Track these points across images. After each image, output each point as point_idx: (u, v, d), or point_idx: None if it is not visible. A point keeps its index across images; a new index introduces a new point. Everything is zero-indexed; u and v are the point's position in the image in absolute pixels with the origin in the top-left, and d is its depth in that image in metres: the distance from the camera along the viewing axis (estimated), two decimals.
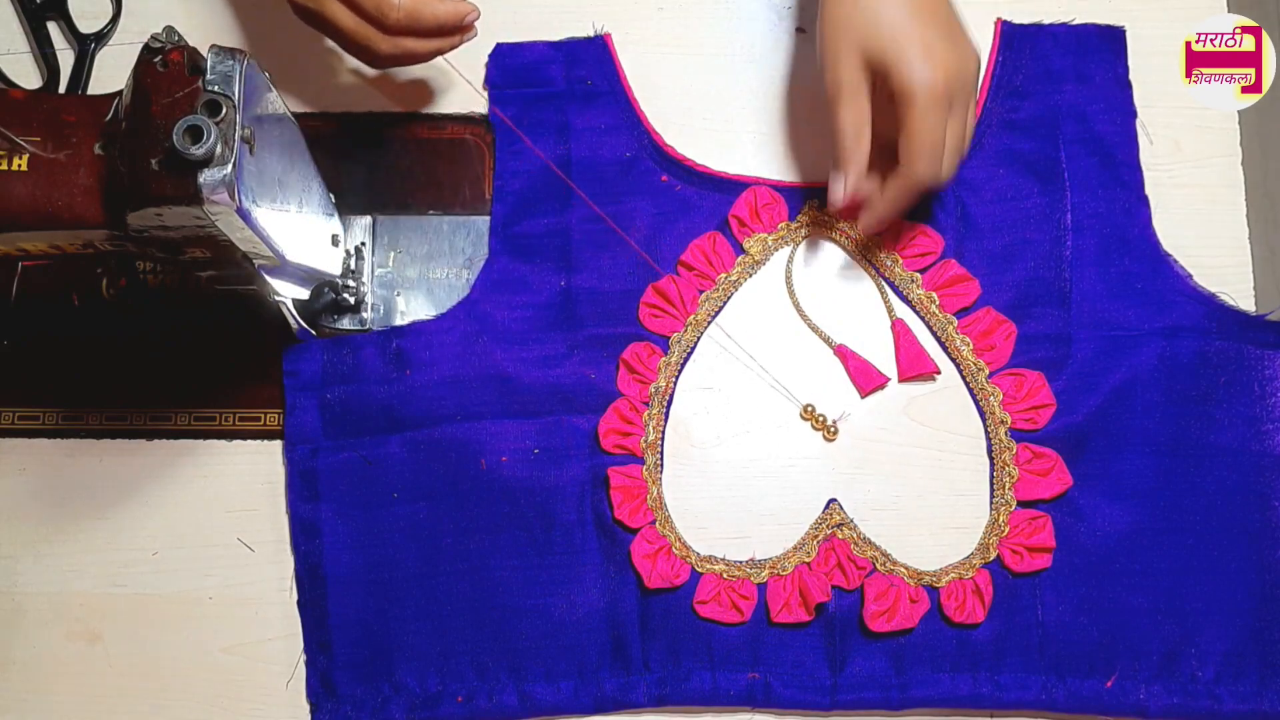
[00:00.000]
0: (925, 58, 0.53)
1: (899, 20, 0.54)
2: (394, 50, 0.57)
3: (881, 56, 0.54)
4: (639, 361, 0.61)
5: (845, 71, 0.55)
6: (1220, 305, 0.62)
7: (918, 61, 0.53)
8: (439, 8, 0.56)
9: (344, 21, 0.56)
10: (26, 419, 0.63)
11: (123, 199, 0.46)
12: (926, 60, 0.53)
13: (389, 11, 0.55)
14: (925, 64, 0.53)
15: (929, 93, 0.53)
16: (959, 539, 0.60)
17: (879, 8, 0.54)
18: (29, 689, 0.60)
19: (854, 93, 0.55)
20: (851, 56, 0.55)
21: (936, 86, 0.53)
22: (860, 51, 0.55)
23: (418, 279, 0.64)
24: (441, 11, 0.56)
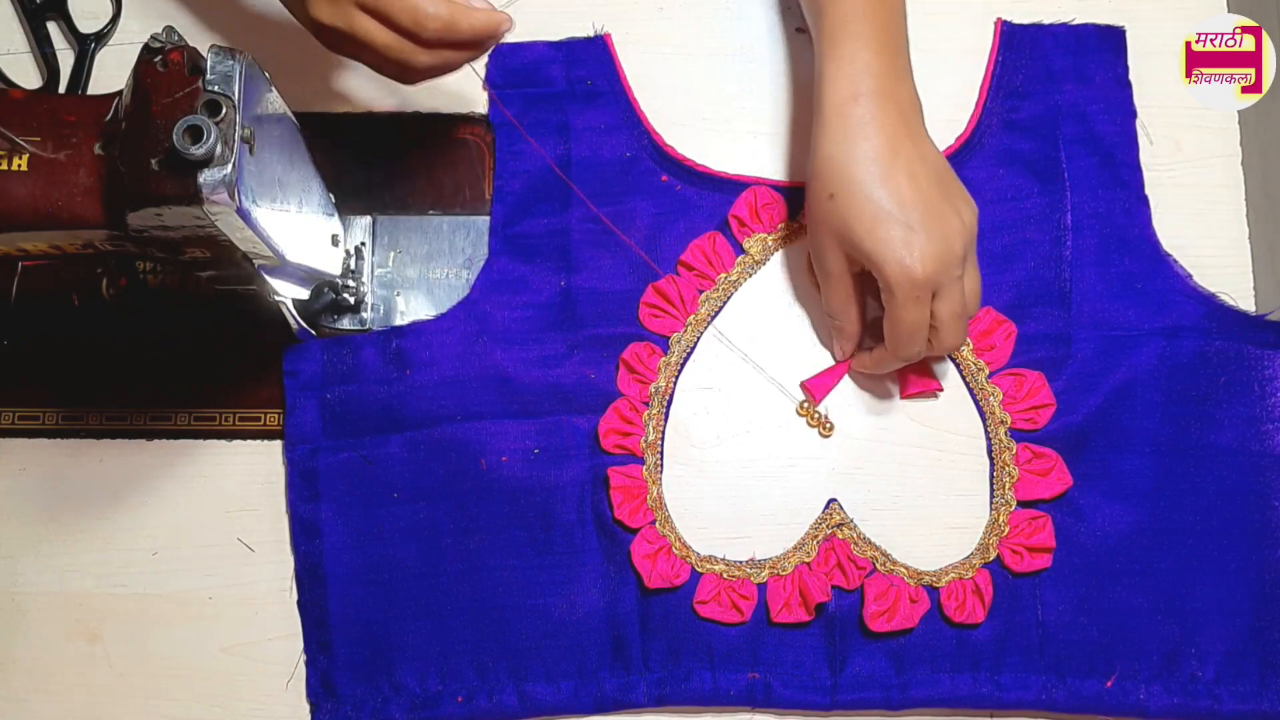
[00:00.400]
0: (904, 253, 0.53)
1: (875, 214, 0.54)
2: (431, 63, 0.54)
3: (858, 254, 0.55)
4: (639, 361, 0.61)
5: (828, 261, 0.57)
6: (1220, 305, 0.62)
7: (893, 260, 0.53)
8: (475, 17, 0.53)
9: (379, 39, 0.52)
10: (26, 419, 0.63)
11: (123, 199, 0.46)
12: (905, 255, 0.53)
13: (426, 23, 0.51)
14: (901, 261, 0.53)
15: (908, 288, 0.54)
16: (959, 539, 0.60)
17: (855, 203, 0.54)
18: (29, 689, 0.60)
19: (839, 277, 0.57)
20: (833, 246, 0.56)
21: (916, 281, 0.53)
22: (839, 244, 0.56)
23: (418, 279, 0.64)
24: (478, 21, 0.53)
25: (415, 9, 0.51)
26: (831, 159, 0.55)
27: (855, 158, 0.54)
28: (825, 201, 0.55)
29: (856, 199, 0.54)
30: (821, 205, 0.56)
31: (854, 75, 0.55)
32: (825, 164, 0.56)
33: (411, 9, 0.51)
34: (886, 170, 0.54)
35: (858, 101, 0.55)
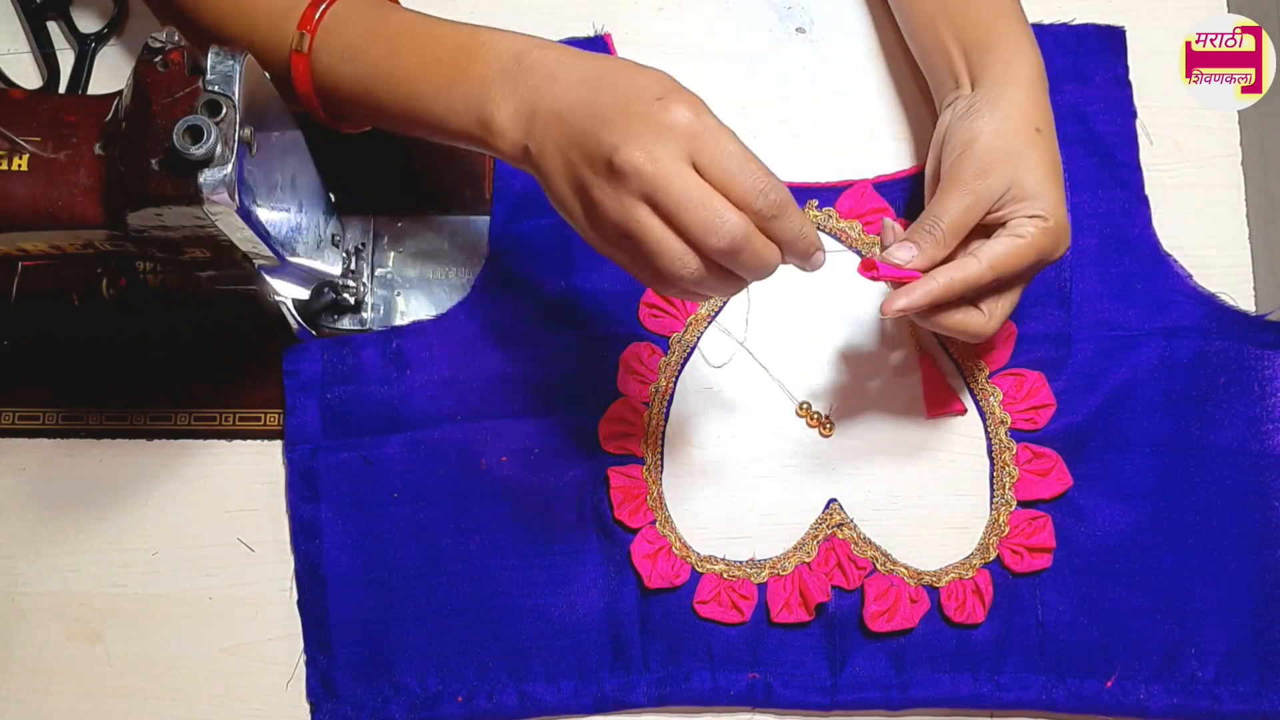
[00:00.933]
0: (1065, 210, 0.54)
1: (1057, 162, 0.55)
2: (701, 280, 0.44)
3: (1040, 194, 0.53)
4: (639, 361, 0.61)
5: (996, 180, 0.53)
6: (1220, 305, 0.62)
7: (1064, 211, 0.53)
8: (785, 240, 0.45)
9: (655, 237, 0.43)
10: (26, 419, 0.63)
11: (123, 199, 0.46)
12: (1065, 214, 0.54)
13: (718, 236, 0.42)
14: (1065, 215, 0.54)
15: (1060, 243, 0.53)
16: (959, 539, 0.60)
17: (1042, 139, 0.54)
18: (29, 689, 0.60)
19: (980, 203, 0.53)
20: (1012, 173, 0.53)
21: (1065, 244, 0.54)
22: (1022, 175, 0.53)
23: (418, 279, 0.64)
24: (791, 242, 0.45)
25: (715, 216, 0.42)
26: (1043, 102, 0.55)
27: (1050, 121, 0.56)
28: (1030, 132, 0.54)
29: (1053, 147, 0.55)
30: (1024, 134, 0.54)
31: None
32: (1037, 104, 0.55)
33: (710, 217, 0.42)
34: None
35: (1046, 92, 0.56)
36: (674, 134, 0.43)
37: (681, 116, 0.43)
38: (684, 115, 0.43)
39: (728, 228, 0.42)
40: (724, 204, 0.43)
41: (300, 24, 0.53)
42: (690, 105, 0.44)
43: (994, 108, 0.55)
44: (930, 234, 0.53)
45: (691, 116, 0.43)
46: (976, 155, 0.54)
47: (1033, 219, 0.53)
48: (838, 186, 0.64)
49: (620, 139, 0.43)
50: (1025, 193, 0.53)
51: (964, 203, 0.53)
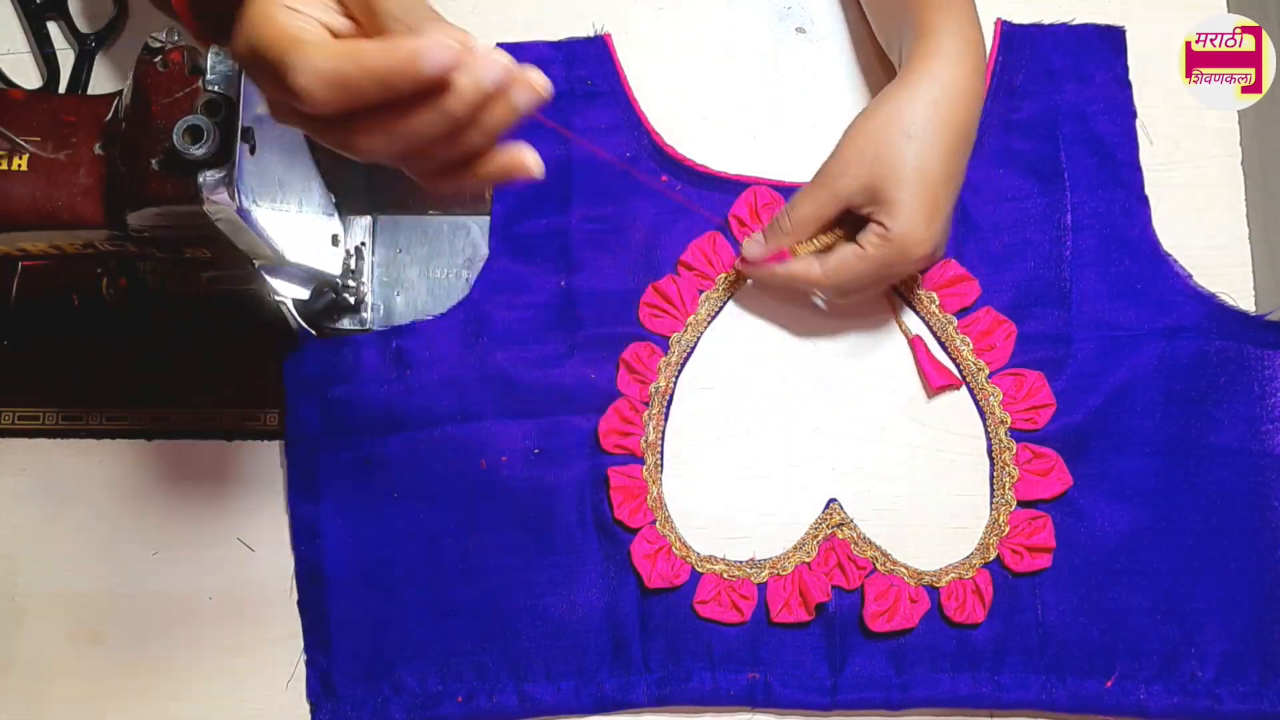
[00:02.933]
0: (924, 232, 0.55)
1: (926, 170, 0.54)
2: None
3: (893, 201, 0.54)
4: (639, 361, 0.61)
5: (843, 181, 0.56)
6: (1220, 305, 0.62)
7: (919, 230, 0.54)
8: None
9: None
10: (26, 419, 0.63)
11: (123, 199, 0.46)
12: (925, 235, 0.55)
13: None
14: (922, 237, 0.55)
15: (904, 257, 0.55)
16: (959, 539, 0.60)
17: (925, 159, 0.54)
18: (29, 689, 0.60)
19: (835, 201, 0.56)
20: (860, 173, 0.55)
21: (911, 259, 0.55)
22: (878, 177, 0.55)
23: (418, 279, 0.64)
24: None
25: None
26: (932, 106, 0.55)
27: (947, 126, 0.55)
28: (899, 136, 0.55)
29: (922, 158, 0.54)
30: (892, 138, 0.55)
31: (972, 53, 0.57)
32: (922, 108, 0.55)
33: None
34: (959, 161, 0.56)
35: (962, 93, 0.56)
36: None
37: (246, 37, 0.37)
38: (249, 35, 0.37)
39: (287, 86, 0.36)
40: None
41: None
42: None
43: (881, 106, 0.56)
44: (776, 225, 0.58)
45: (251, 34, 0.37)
46: (841, 152, 0.57)
47: (877, 227, 0.55)
48: None
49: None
50: (880, 197, 0.55)
51: (817, 199, 0.57)
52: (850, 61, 0.67)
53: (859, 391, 0.62)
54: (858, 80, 0.67)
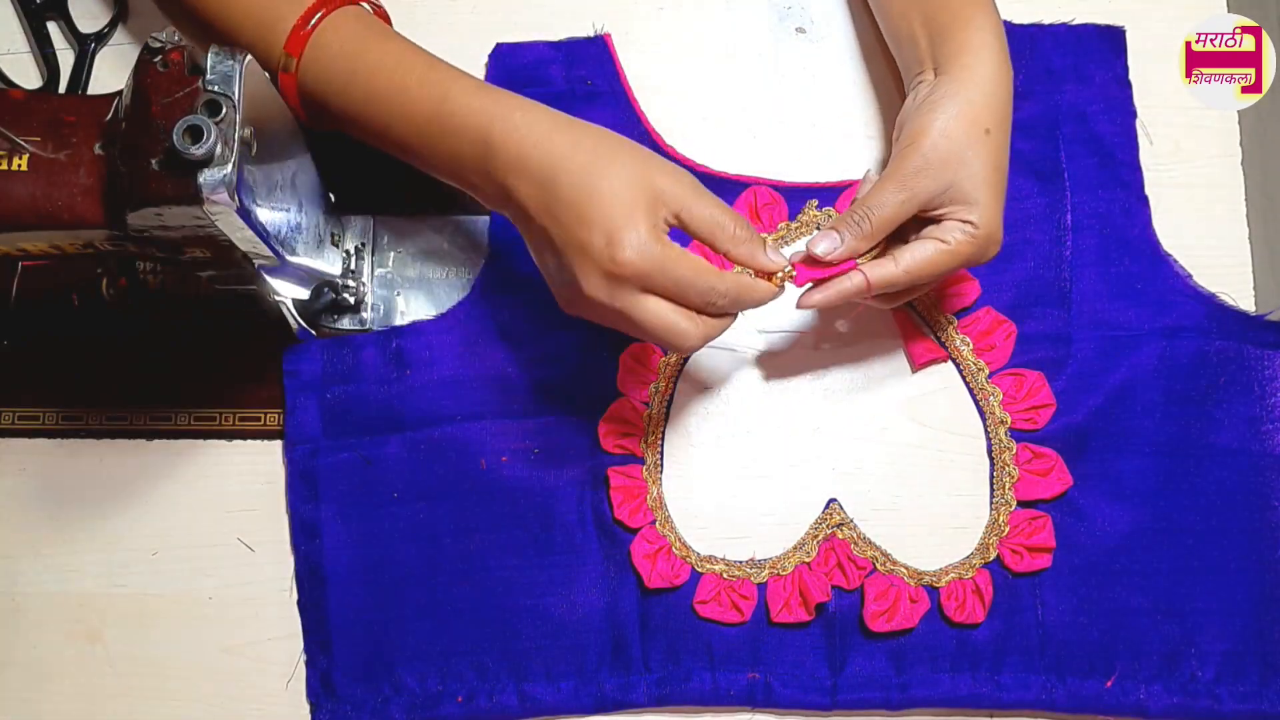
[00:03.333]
0: (1000, 222, 0.54)
1: (1000, 166, 0.54)
2: (709, 334, 0.52)
3: (977, 199, 0.53)
4: (639, 361, 0.61)
5: (932, 181, 0.53)
6: (1220, 305, 0.62)
7: (998, 222, 0.54)
8: (761, 291, 0.52)
9: (665, 319, 0.50)
10: (26, 419, 0.63)
11: (123, 199, 0.46)
12: (1000, 225, 0.54)
13: (715, 300, 0.50)
14: (999, 227, 0.54)
15: (986, 252, 0.54)
16: (959, 539, 0.60)
17: (991, 142, 0.54)
18: (29, 689, 0.60)
19: (912, 202, 0.54)
20: (952, 174, 0.53)
21: (992, 251, 0.55)
22: (959, 179, 0.53)
23: (418, 279, 0.64)
24: (763, 293, 0.52)
25: (710, 289, 0.50)
26: (996, 100, 0.55)
27: (1008, 118, 0.55)
28: (977, 133, 0.54)
29: (998, 152, 0.54)
30: (971, 136, 0.54)
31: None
32: (990, 101, 0.54)
33: (706, 289, 0.49)
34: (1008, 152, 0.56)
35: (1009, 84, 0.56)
36: (625, 280, 0.48)
37: (628, 265, 0.48)
38: (630, 262, 0.48)
39: (689, 343, 0.50)
40: (683, 320, 0.50)
41: (286, 45, 0.53)
42: (636, 249, 0.48)
43: (948, 103, 0.54)
44: (858, 226, 0.54)
45: (637, 260, 0.48)
46: (920, 152, 0.54)
47: (963, 224, 0.53)
48: (837, 186, 0.64)
49: (579, 274, 0.49)
50: (963, 197, 0.53)
51: (898, 199, 0.54)
52: (850, 61, 0.67)
53: (859, 391, 0.62)
54: (858, 80, 0.67)
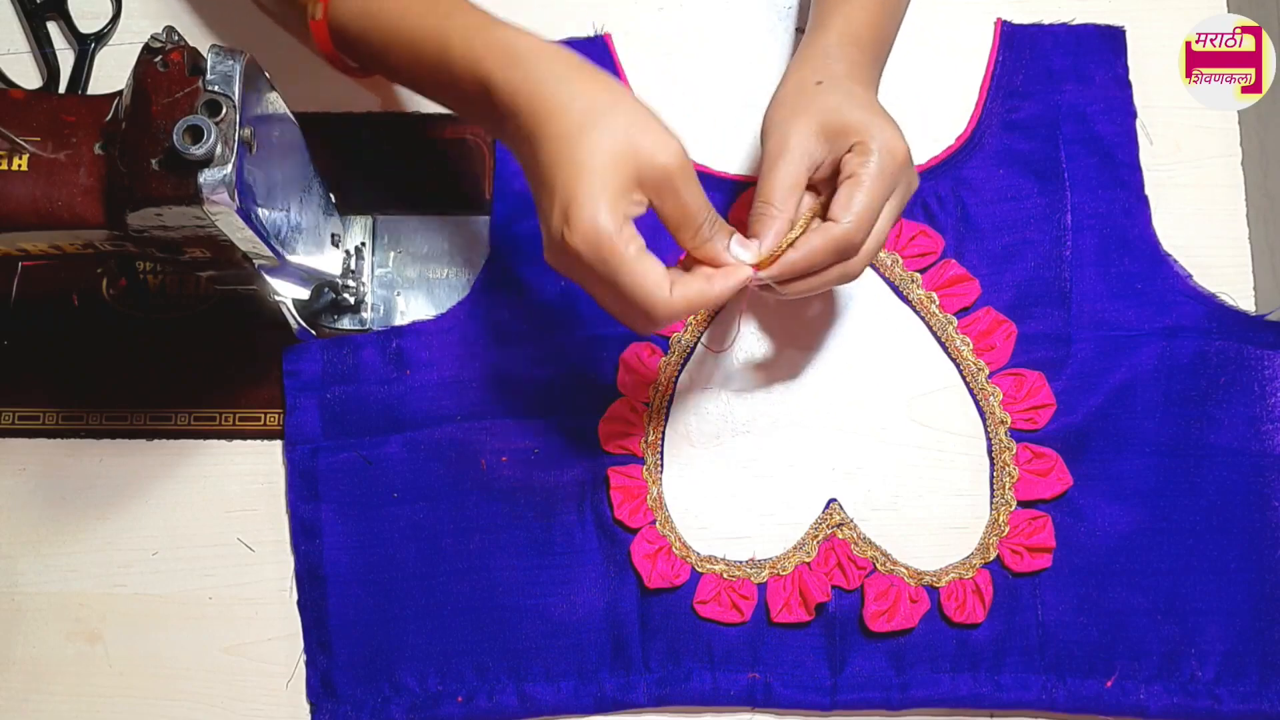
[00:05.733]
0: (893, 128, 0.51)
1: (868, 99, 0.53)
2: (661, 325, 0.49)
3: (846, 123, 0.51)
4: (639, 361, 0.61)
5: (794, 141, 0.51)
6: (1220, 305, 0.62)
7: (889, 129, 0.51)
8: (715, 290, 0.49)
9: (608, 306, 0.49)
10: (26, 419, 0.63)
11: (123, 199, 0.46)
12: (894, 130, 0.51)
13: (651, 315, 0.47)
14: (895, 133, 0.51)
15: (895, 156, 0.51)
16: (959, 539, 0.60)
17: (843, 88, 0.53)
18: (29, 689, 0.60)
19: (799, 160, 0.51)
20: (806, 126, 0.52)
21: (900, 153, 0.51)
22: (820, 119, 0.52)
23: (418, 279, 0.64)
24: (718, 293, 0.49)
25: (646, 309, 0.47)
26: (824, 55, 0.54)
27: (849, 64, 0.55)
28: (810, 86, 0.53)
29: (844, 85, 0.53)
30: (805, 90, 0.53)
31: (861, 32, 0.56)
32: (817, 60, 0.54)
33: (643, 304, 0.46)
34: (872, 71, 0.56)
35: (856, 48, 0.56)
36: (571, 258, 0.46)
37: (571, 248, 0.45)
38: (574, 246, 0.45)
39: (637, 329, 0.49)
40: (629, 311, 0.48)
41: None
42: (583, 234, 0.45)
43: (786, 74, 0.55)
44: (764, 217, 0.51)
45: (580, 246, 0.45)
46: (766, 122, 0.54)
47: (857, 151, 0.51)
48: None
49: (543, 234, 0.48)
50: (837, 130, 0.51)
51: (786, 165, 0.52)
52: None
53: (859, 391, 0.62)
54: None
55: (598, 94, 0.47)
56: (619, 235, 0.45)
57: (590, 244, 0.45)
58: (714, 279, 0.49)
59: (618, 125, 0.46)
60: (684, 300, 0.47)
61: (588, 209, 0.44)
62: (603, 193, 0.45)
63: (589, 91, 0.47)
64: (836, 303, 0.63)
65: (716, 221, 0.49)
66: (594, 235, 0.44)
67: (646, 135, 0.46)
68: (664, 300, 0.46)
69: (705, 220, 0.48)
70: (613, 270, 0.45)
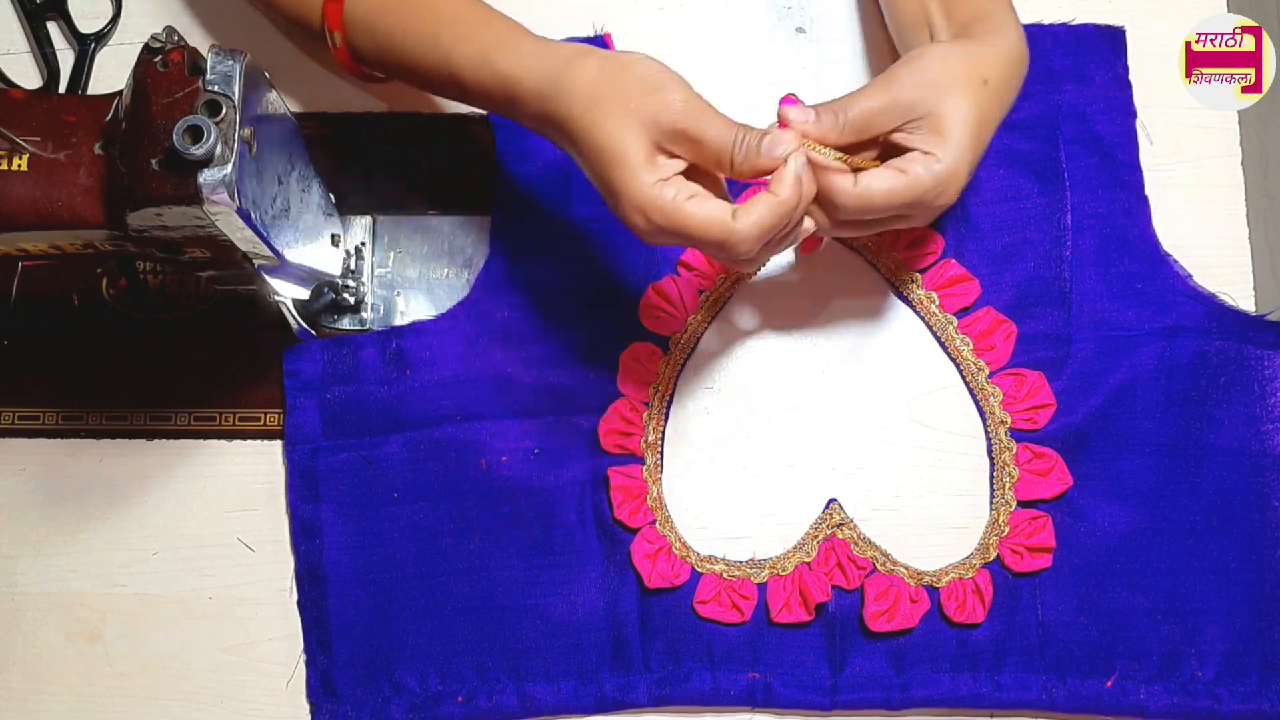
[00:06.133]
0: (968, 168, 0.51)
1: (986, 121, 0.52)
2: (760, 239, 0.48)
3: (946, 127, 0.50)
4: (639, 361, 0.61)
5: (914, 93, 0.51)
6: (1220, 305, 0.62)
7: (964, 166, 0.50)
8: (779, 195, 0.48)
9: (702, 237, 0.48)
10: (26, 419, 0.63)
11: (123, 199, 0.46)
12: (967, 171, 0.51)
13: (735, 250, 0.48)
14: (964, 173, 0.51)
15: (940, 191, 0.50)
16: (959, 539, 0.60)
17: (985, 92, 0.51)
18: (29, 689, 0.60)
19: (894, 108, 0.51)
20: (932, 93, 0.51)
21: (951, 192, 0.51)
22: (941, 100, 0.50)
23: (418, 279, 0.64)
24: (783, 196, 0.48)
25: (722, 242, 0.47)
26: (1005, 63, 0.53)
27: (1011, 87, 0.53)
28: (975, 79, 0.51)
29: (992, 108, 0.52)
30: (970, 78, 0.51)
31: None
32: (998, 61, 0.52)
33: (719, 243, 0.48)
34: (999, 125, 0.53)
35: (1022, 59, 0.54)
36: (655, 235, 0.49)
37: (636, 226, 0.49)
38: (637, 225, 0.49)
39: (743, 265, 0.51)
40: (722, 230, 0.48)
41: (326, 23, 0.56)
42: (639, 212, 0.48)
43: (953, 46, 0.53)
44: (833, 114, 0.51)
45: (642, 224, 0.48)
46: (915, 68, 0.52)
47: (925, 156, 0.50)
48: None
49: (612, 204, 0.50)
50: (938, 126, 0.50)
51: (880, 102, 0.51)
52: (850, 61, 0.67)
53: (859, 391, 0.62)
54: (858, 80, 0.67)
55: (596, 80, 0.49)
56: (664, 200, 0.47)
57: (646, 220, 0.48)
58: (772, 184, 0.48)
59: (615, 109, 0.48)
60: (754, 221, 0.47)
61: (625, 196, 0.48)
62: (632, 176, 0.48)
63: (588, 79, 0.49)
64: (837, 303, 0.63)
65: (747, 138, 0.49)
66: (644, 212, 0.48)
67: (644, 104, 0.48)
68: (732, 231, 0.47)
69: (734, 144, 0.48)
70: (678, 230, 0.48)
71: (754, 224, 0.47)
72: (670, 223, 0.47)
